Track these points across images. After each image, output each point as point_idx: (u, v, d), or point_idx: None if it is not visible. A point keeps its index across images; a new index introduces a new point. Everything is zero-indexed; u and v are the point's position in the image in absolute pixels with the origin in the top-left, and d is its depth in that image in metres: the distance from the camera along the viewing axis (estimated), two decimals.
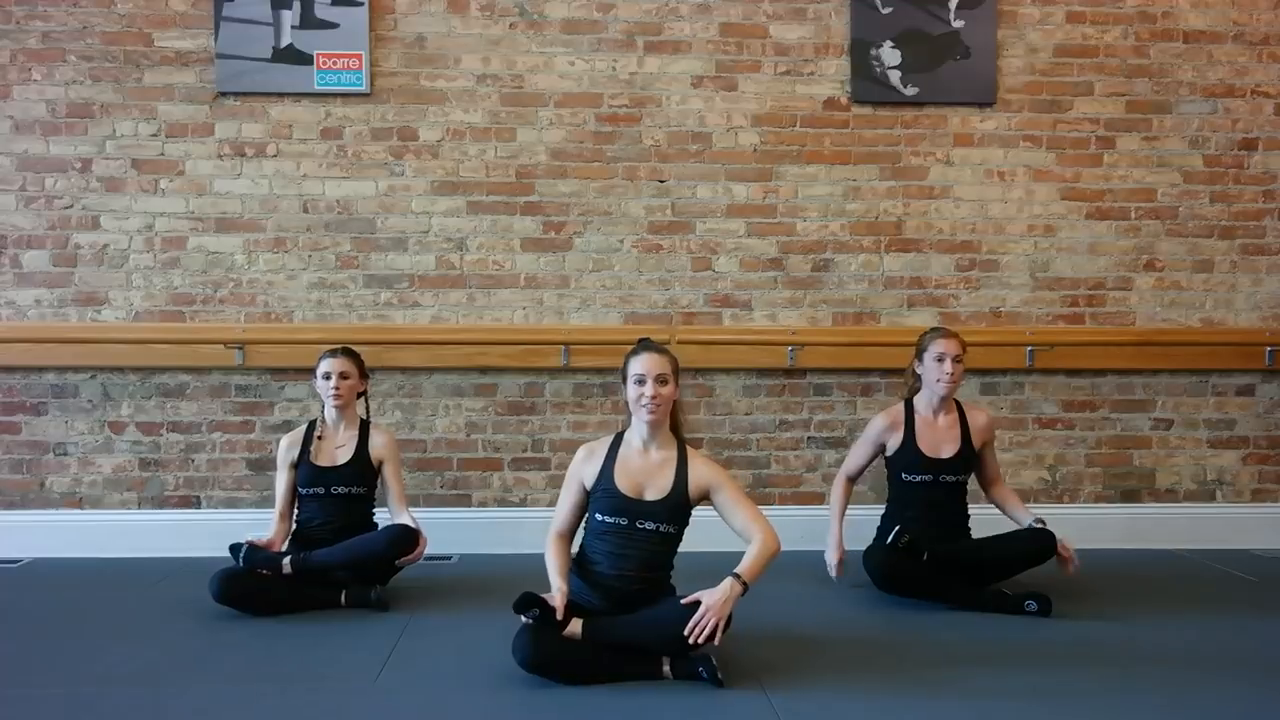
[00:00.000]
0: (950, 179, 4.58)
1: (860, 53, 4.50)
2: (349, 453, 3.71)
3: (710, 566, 2.91)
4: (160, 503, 4.43)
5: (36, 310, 4.40)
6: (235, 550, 3.48)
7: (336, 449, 3.72)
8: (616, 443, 3.00)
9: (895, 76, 4.52)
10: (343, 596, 3.52)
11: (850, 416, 4.55)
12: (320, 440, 3.72)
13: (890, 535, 3.51)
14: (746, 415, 4.55)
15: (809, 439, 4.57)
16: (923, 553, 3.49)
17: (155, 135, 4.42)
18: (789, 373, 4.54)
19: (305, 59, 4.40)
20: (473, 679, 2.82)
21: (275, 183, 4.44)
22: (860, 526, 3.77)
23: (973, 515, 3.73)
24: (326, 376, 3.70)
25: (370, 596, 3.49)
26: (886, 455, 3.75)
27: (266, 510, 3.84)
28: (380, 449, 3.74)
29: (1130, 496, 4.63)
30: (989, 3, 4.52)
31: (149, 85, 4.41)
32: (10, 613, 3.51)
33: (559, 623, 2.75)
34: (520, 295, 4.50)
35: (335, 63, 4.41)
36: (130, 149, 4.41)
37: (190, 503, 4.44)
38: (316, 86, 4.41)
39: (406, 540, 3.57)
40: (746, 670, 2.86)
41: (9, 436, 4.40)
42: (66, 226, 4.40)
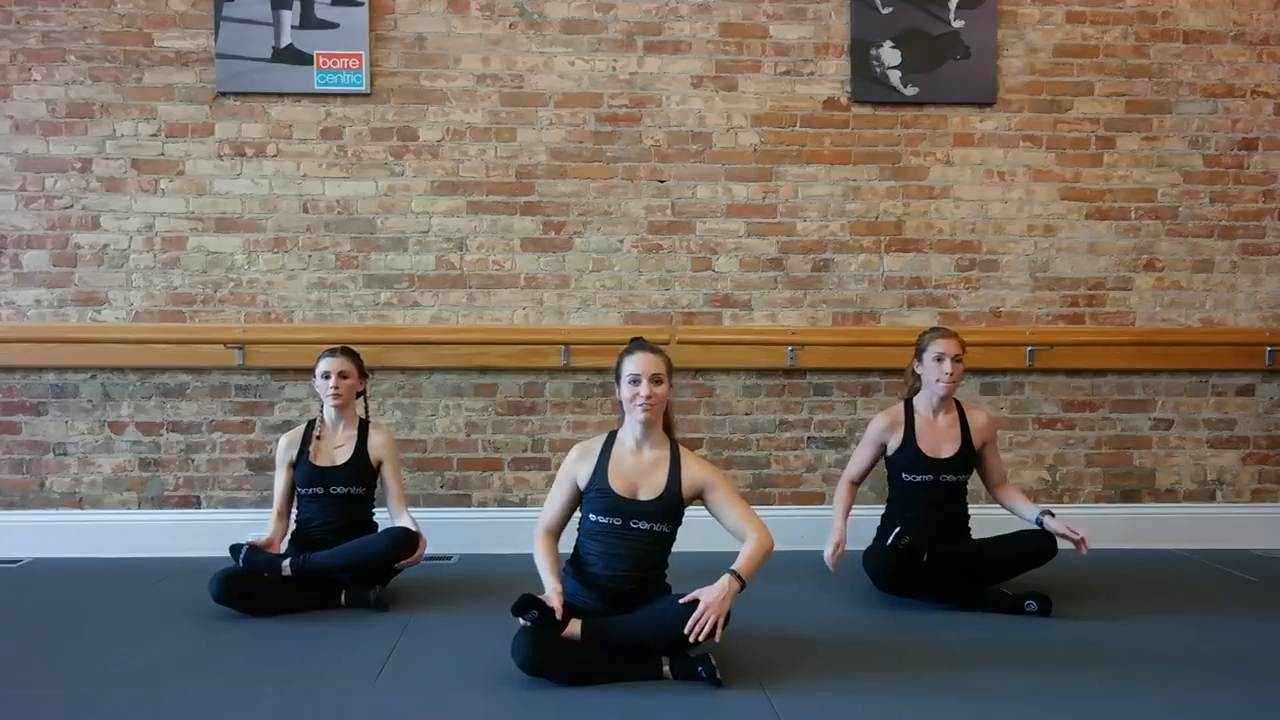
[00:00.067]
0: (950, 179, 4.58)
1: (860, 53, 4.51)
2: (348, 453, 3.71)
3: (706, 566, 2.91)
4: (160, 503, 4.43)
5: (36, 310, 4.40)
6: (235, 551, 3.48)
7: (335, 449, 3.71)
8: (610, 442, 2.99)
9: (895, 76, 4.52)
10: (342, 597, 3.52)
11: (850, 416, 4.55)
12: (319, 440, 3.72)
13: (890, 537, 3.51)
14: (746, 415, 4.55)
15: (809, 439, 4.57)
16: (923, 554, 3.49)
17: (155, 135, 4.42)
18: (789, 373, 4.54)
19: (305, 59, 4.40)
20: (473, 679, 2.82)
21: (275, 183, 4.45)
22: (860, 527, 3.76)
23: (973, 515, 3.73)
24: (326, 376, 3.70)
25: (370, 597, 3.50)
26: (887, 455, 3.74)
27: (266, 510, 3.85)
28: (379, 449, 3.74)
29: (1130, 496, 4.63)
30: (989, 3, 4.52)
31: (149, 85, 4.41)
32: (10, 613, 3.51)
33: (558, 624, 2.75)
34: (520, 295, 4.50)
35: (335, 63, 4.41)
36: (130, 149, 4.41)
37: (190, 503, 4.44)
38: (316, 86, 4.42)
39: (406, 543, 3.57)
40: (746, 670, 2.86)
41: (9, 436, 4.40)
42: (66, 226, 4.40)
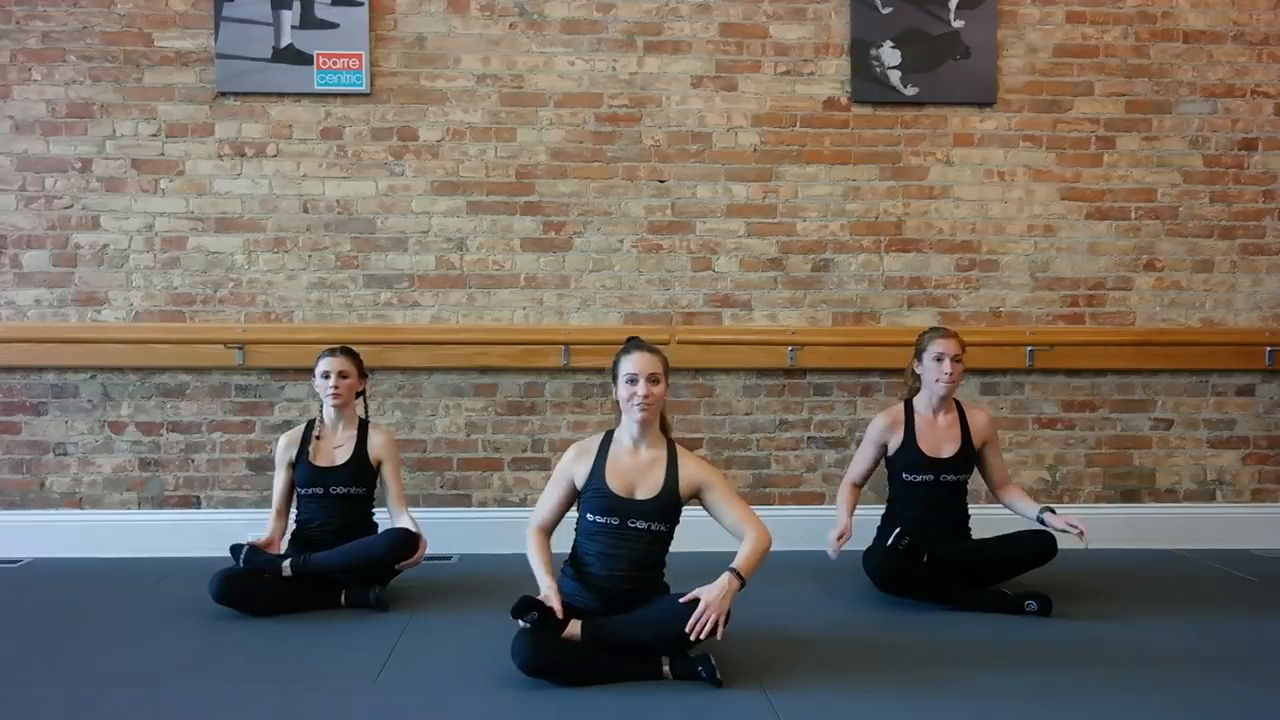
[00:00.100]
0: (950, 179, 4.58)
1: (860, 53, 4.51)
2: (347, 453, 3.70)
3: (705, 566, 2.91)
4: (160, 503, 4.43)
5: (36, 310, 4.40)
6: (236, 551, 3.48)
7: (335, 449, 3.71)
8: (606, 442, 2.99)
9: (895, 76, 4.52)
10: (343, 597, 3.52)
11: (850, 416, 4.55)
12: (319, 440, 3.71)
13: (890, 537, 3.51)
14: (746, 415, 4.55)
15: (809, 439, 4.56)
16: (923, 554, 3.49)
17: (155, 135, 4.42)
18: (789, 373, 4.54)
19: (305, 59, 4.40)
20: (473, 679, 2.82)
21: (275, 183, 4.45)
22: (860, 527, 3.75)
23: (973, 515, 3.72)
24: (325, 375, 3.70)
25: (370, 597, 3.49)
26: (887, 455, 3.74)
27: (266, 510, 3.84)
28: (379, 449, 3.74)
29: (1130, 496, 4.63)
30: (989, 3, 4.52)
31: (149, 85, 4.41)
32: (10, 613, 3.51)
33: (558, 625, 2.76)
34: (520, 295, 4.50)
35: (335, 63, 4.41)
36: (130, 149, 4.41)
37: (190, 503, 4.44)
38: (316, 86, 4.41)
39: (407, 544, 3.56)
40: (746, 670, 2.86)
41: (9, 436, 4.40)
42: (66, 226, 4.40)
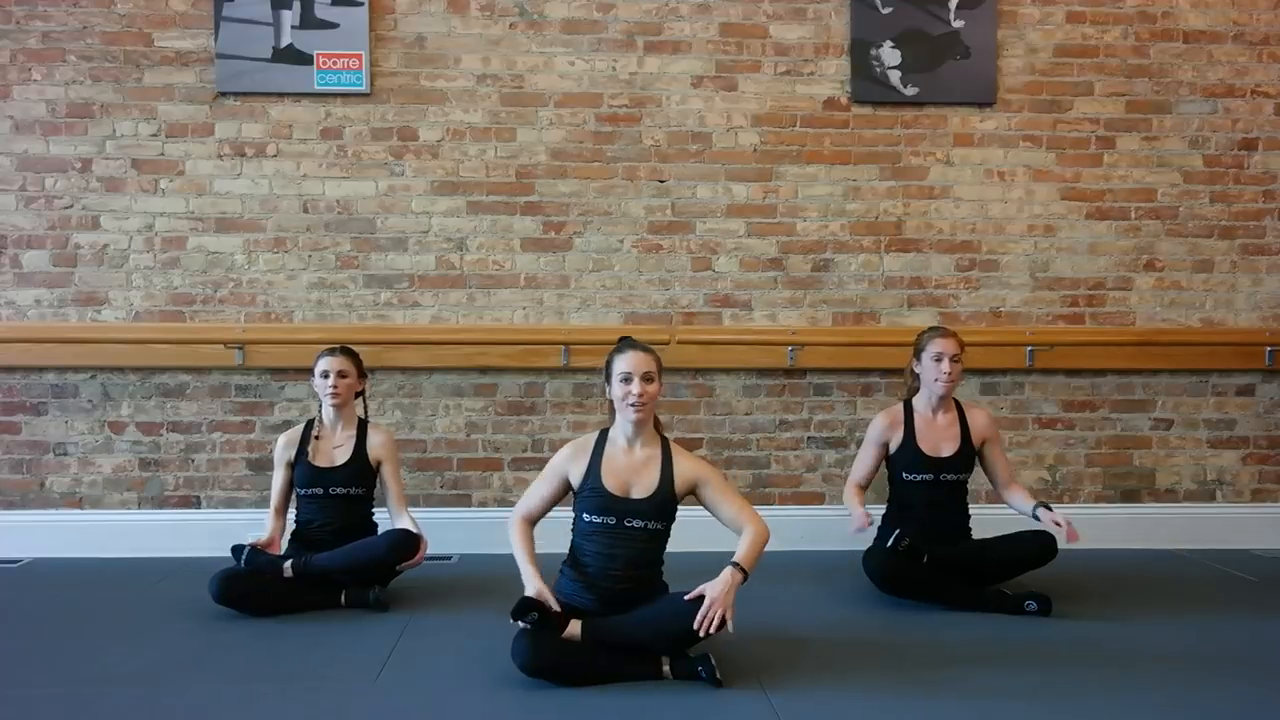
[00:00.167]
0: (950, 179, 4.58)
1: (860, 53, 4.50)
2: (347, 453, 3.70)
3: (705, 566, 2.91)
4: (160, 503, 4.43)
5: (36, 310, 4.40)
6: (237, 552, 3.48)
7: (335, 449, 3.71)
8: (601, 442, 2.99)
9: (895, 76, 4.52)
10: (342, 597, 3.52)
11: (850, 416, 4.55)
12: (318, 440, 3.71)
13: (890, 539, 3.51)
14: (746, 415, 4.55)
15: (809, 439, 4.56)
16: (923, 556, 3.48)
17: (155, 135, 4.42)
18: (789, 373, 4.54)
19: (305, 59, 4.40)
20: (473, 679, 2.82)
21: (275, 183, 4.45)
22: None
23: (973, 515, 3.72)
24: (324, 375, 3.69)
25: (370, 597, 3.49)
26: (887, 455, 3.74)
27: (266, 510, 3.82)
28: (378, 449, 3.73)
29: (1130, 496, 4.63)
30: (989, 3, 4.52)
31: (149, 85, 4.41)
32: (10, 613, 3.51)
33: (558, 625, 2.76)
34: (520, 295, 4.50)
35: (335, 63, 4.41)
36: (130, 149, 4.41)
37: (190, 503, 4.44)
38: (316, 86, 4.41)
39: (408, 545, 3.56)
40: (746, 670, 2.86)
41: (9, 436, 4.40)
42: (66, 226, 4.40)
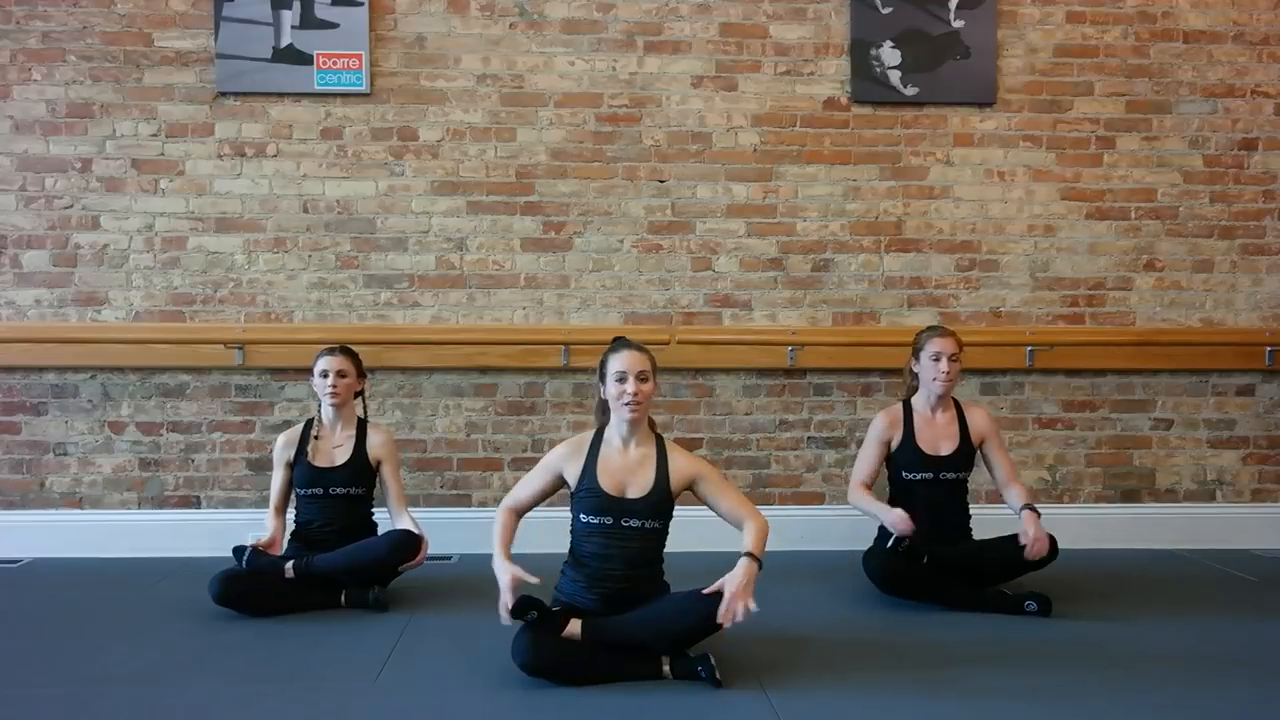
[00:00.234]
0: (950, 179, 4.58)
1: (860, 53, 4.50)
2: (347, 453, 3.70)
3: (705, 566, 2.91)
4: (160, 503, 4.43)
5: (36, 310, 4.40)
6: (239, 553, 3.48)
7: (334, 449, 3.70)
8: (596, 442, 2.99)
9: (895, 76, 4.52)
10: (342, 597, 3.52)
11: (850, 416, 4.55)
12: (317, 440, 3.70)
13: (890, 539, 3.51)
14: (746, 415, 4.55)
15: (809, 439, 4.56)
16: (923, 556, 3.48)
17: (155, 135, 4.42)
18: (789, 373, 4.54)
19: (305, 59, 4.40)
20: (473, 679, 2.82)
21: (275, 183, 4.45)
22: (861, 526, 3.76)
23: (973, 515, 3.72)
24: (324, 375, 3.69)
25: (369, 597, 3.49)
26: (888, 454, 3.73)
27: (266, 510, 3.82)
28: (378, 448, 3.73)
29: (1130, 496, 4.63)
30: (989, 3, 4.52)
31: (149, 85, 4.41)
32: (10, 613, 3.51)
33: (558, 624, 2.76)
34: (520, 295, 4.50)
35: (335, 63, 4.41)
36: (130, 149, 4.41)
37: (190, 503, 4.44)
38: (316, 86, 4.41)
39: (409, 546, 3.56)
40: (746, 670, 2.86)
41: (9, 436, 4.40)
42: (66, 226, 4.40)
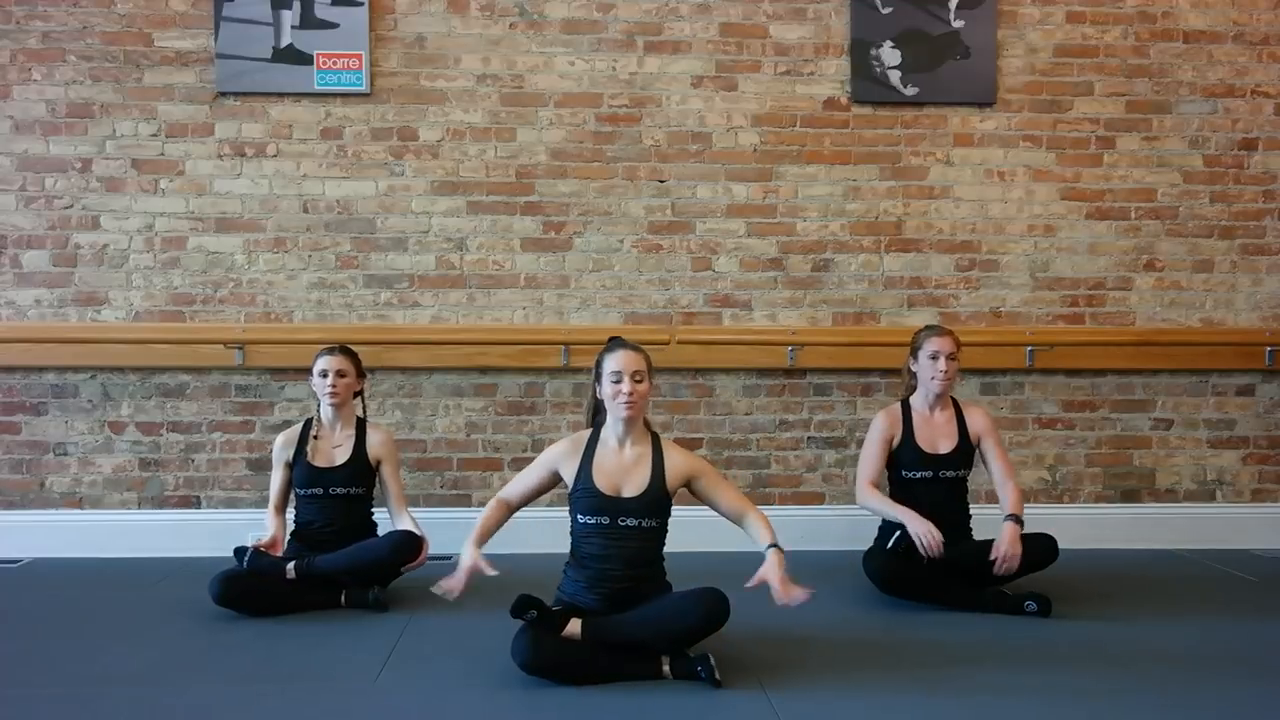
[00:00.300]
0: (950, 179, 4.58)
1: (860, 53, 4.50)
2: (346, 453, 3.69)
3: (706, 566, 2.92)
4: (160, 503, 4.43)
5: (36, 310, 4.40)
6: (240, 554, 3.47)
7: (334, 449, 3.70)
8: (593, 441, 2.99)
9: (895, 76, 4.52)
10: (342, 597, 3.52)
11: (850, 416, 4.55)
12: (317, 440, 3.70)
13: (891, 540, 3.51)
14: (746, 415, 4.55)
15: (809, 439, 4.56)
16: (923, 558, 3.48)
17: (155, 135, 4.42)
18: (789, 373, 4.54)
19: (305, 59, 4.40)
20: (473, 679, 2.82)
21: (275, 183, 4.44)
22: (861, 526, 3.77)
23: (974, 515, 3.72)
24: (323, 374, 3.68)
25: (369, 597, 3.49)
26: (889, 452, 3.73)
27: (266, 510, 3.82)
28: (377, 448, 3.73)
29: (1130, 496, 4.63)
30: (989, 3, 4.52)
31: (149, 85, 4.41)
32: (10, 613, 3.51)
33: (558, 624, 2.77)
34: (520, 295, 4.50)
35: (335, 63, 4.41)
36: (130, 149, 4.41)
37: (190, 503, 4.44)
38: (316, 86, 4.41)
39: (410, 547, 3.55)
40: (746, 670, 2.86)
41: (9, 436, 4.40)
42: (66, 226, 4.40)
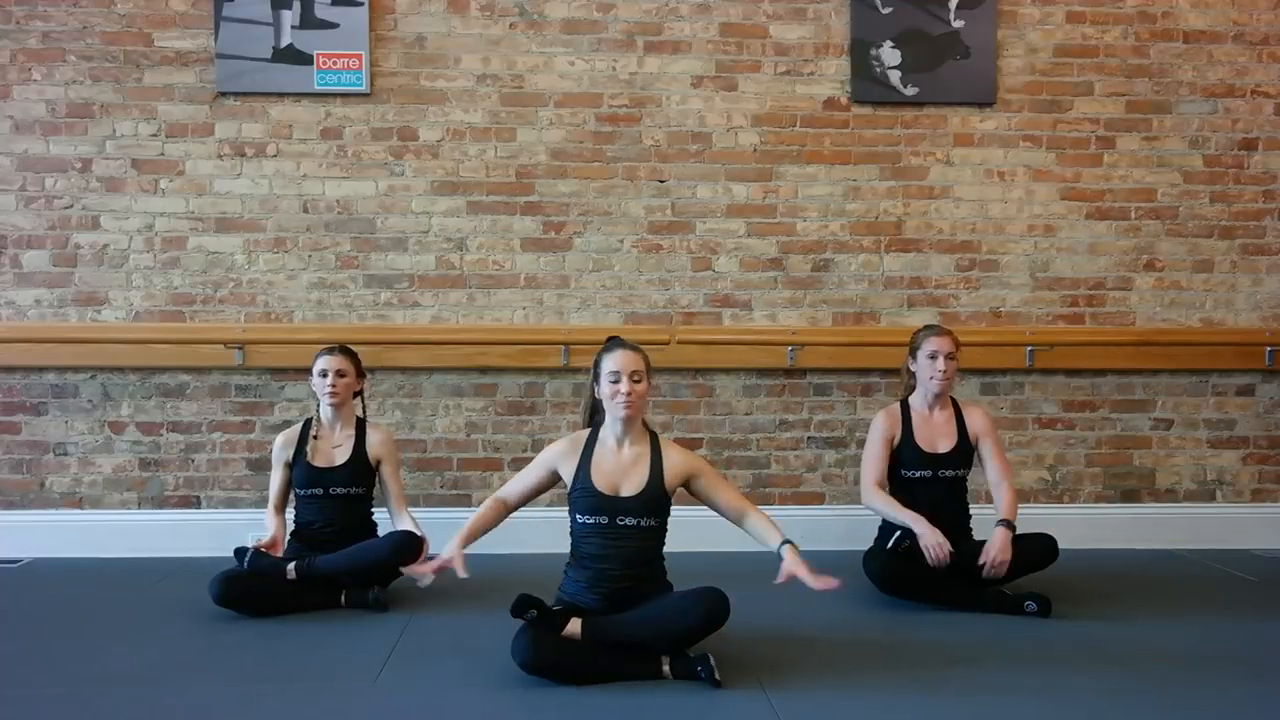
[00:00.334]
0: (950, 179, 4.58)
1: (860, 53, 4.50)
2: (346, 453, 3.70)
3: (706, 566, 2.92)
4: (160, 503, 4.43)
5: (36, 310, 4.40)
6: (240, 554, 3.48)
7: (334, 449, 3.70)
8: (591, 441, 3.00)
9: (895, 76, 4.52)
10: (342, 597, 3.52)
11: (850, 416, 4.55)
12: (316, 440, 3.70)
13: (891, 540, 3.51)
14: (746, 415, 4.55)
15: (809, 439, 4.56)
16: (923, 558, 3.48)
17: (155, 135, 4.42)
18: (789, 373, 4.54)
19: (305, 59, 4.40)
20: (473, 679, 2.82)
21: (275, 183, 4.45)
22: (860, 526, 3.77)
23: (974, 515, 3.72)
24: (323, 374, 3.68)
25: (369, 597, 3.49)
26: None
27: (266, 510, 3.81)
28: (377, 448, 3.73)
29: (1130, 496, 4.63)
30: (989, 3, 4.52)
31: (149, 85, 4.41)
32: (10, 613, 3.51)
33: (558, 623, 2.77)
34: (520, 295, 4.50)
35: (335, 63, 4.41)
36: (130, 149, 4.41)
37: (190, 503, 4.44)
38: (316, 86, 4.41)
39: (411, 547, 3.54)
40: (746, 670, 2.86)
41: (9, 436, 4.40)
42: (66, 226, 4.40)
